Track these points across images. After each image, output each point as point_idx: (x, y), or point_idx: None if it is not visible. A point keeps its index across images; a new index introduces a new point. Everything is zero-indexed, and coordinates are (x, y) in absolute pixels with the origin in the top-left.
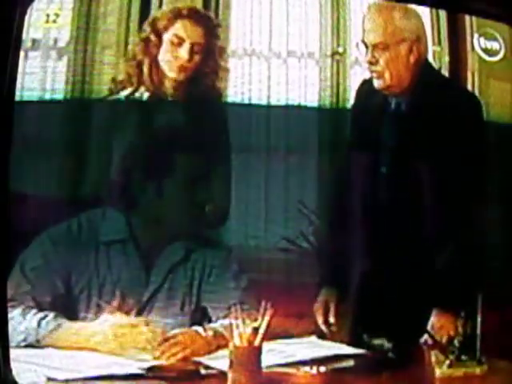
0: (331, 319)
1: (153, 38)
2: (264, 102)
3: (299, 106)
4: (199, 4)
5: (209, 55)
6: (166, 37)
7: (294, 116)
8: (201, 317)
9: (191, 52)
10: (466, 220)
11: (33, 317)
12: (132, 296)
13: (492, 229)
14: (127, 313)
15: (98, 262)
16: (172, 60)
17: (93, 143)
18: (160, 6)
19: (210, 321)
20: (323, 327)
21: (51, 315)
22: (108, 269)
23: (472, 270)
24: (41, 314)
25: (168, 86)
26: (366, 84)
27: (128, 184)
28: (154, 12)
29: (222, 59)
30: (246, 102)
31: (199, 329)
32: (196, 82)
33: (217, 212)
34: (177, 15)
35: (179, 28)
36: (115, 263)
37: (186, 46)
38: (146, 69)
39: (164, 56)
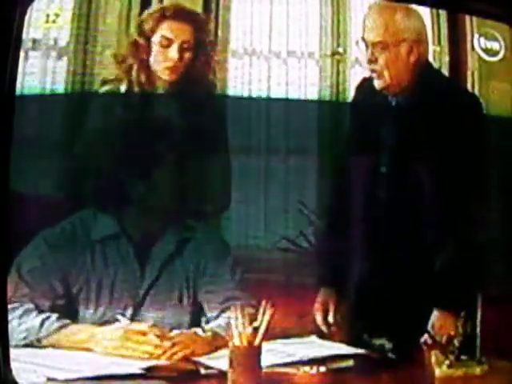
0: (330, 319)
1: (141, 41)
2: (264, 101)
3: (299, 106)
4: (199, 4)
5: (200, 50)
6: (155, 39)
7: (294, 116)
8: (199, 309)
9: (181, 51)
10: (466, 219)
11: (35, 317)
12: (129, 291)
13: (492, 228)
14: (133, 317)
15: (94, 259)
16: (163, 62)
17: (82, 140)
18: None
19: (207, 314)
20: (323, 327)
21: (54, 316)
22: (104, 266)
23: (472, 269)
24: (43, 315)
25: (160, 87)
26: (366, 83)
27: (117, 179)
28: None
29: (214, 52)
30: (246, 101)
31: (198, 330)
32: (189, 79)
33: (217, 202)
34: (162, 16)
35: (166, 29)
36: (110, 259)
37: (175, 46)
38: (135, 72)
39: (155, 59)
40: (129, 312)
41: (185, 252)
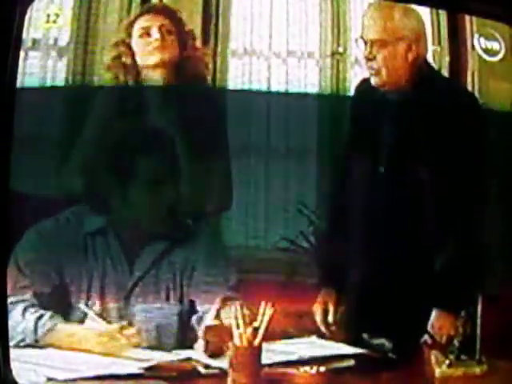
0: (330, 319)
1: (123, 49)
2: (264, 101)
3: (299, 106)
4: (199, 4)
5: (184, 41)
6: (134, 37)
7: (294, 116)
8: (188, 309)
9: (161, 33)
10: (466, 219)
11: (30, 316)
12: (117, 287)
13: (492, 228)
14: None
15: (87, 252)
16: (147, 48)
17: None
18: None
19: (196, 312)
20: (322, 327)
21: (47, 315)
22: (95, 259)
23: (472, 269)
24: (37, 314)
25: (153, 75)
26: (366, 83)
27: (114, 177)
28: None
29: (196, 43)
30: (246, 101)
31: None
32: (182, 74)
33: (216, 202)
34: (135, 17)
35: (142, 22)
36: (100, 253)
37: (155, 30)
38: (128, 70)
39: (140, 53)
40: (116, 309)
41: (174, 252)
